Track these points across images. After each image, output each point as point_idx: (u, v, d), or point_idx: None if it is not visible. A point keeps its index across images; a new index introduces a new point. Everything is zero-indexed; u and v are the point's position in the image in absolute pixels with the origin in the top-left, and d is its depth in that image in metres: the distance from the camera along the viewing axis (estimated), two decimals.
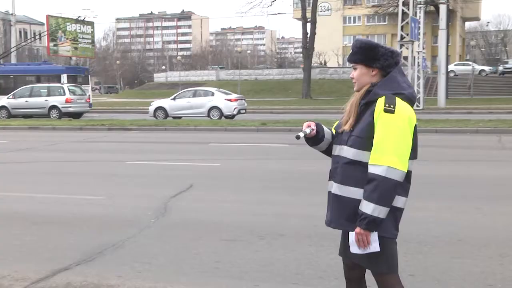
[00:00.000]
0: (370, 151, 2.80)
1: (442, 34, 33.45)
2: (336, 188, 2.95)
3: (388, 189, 2.74)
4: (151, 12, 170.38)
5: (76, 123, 24.20)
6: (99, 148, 15.66)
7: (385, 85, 2.89)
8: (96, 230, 6.31)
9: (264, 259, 5.18)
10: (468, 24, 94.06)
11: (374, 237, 2.80)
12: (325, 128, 3.12)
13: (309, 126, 3.06)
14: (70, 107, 29.13)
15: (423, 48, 34.94)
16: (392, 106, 2.80)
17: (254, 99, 45.87)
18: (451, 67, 52.64)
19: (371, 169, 2.77)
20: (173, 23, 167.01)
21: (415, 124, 2.87)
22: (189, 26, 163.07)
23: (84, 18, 46.52)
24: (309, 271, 4.82)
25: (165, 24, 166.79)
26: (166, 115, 27.05)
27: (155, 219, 6.77)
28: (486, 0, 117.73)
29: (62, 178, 10.14)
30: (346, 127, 2.93)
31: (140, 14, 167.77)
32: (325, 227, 6.42)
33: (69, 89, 29.78)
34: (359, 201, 2.83)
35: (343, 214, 2.92)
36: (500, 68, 60.07)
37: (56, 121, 26.07)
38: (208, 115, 26.33)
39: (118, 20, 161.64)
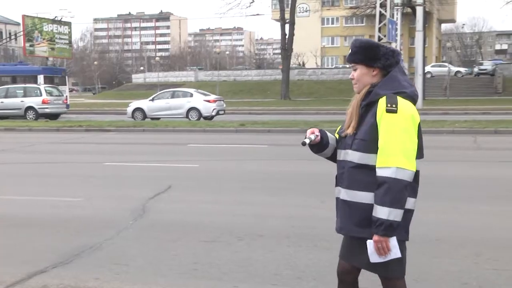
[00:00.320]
0: (376, 153, 2.74)
1: (418, 36, 33.75)
2: (344, 194, 2.87)
3: (400, 191, 2.68)
4: (129, 12, 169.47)
5: (53, 124, 23.95)
6: (77, 149, 15.52)
7: (386, 84, 2.83)
8: (74, 232, 6.25)
9: (243, 260, 5.17)
10: (444, 26, 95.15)
11: (393, 242, 2.72)
12: (328, 134, 3.04)
13: (312, 133, 2.98)
14: (47, 108, 28.82)
15: (400, 50, 35.25)
16: (394, 105, 2.74)
17: (232, 100, 45.85)
18: (427, 68, 53.22)
19: (380, 172, 2.70)
20: (152, 24, 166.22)
21: (419, 123, 2.82)
22: (168, 27, 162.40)
23: (61, 18, 46.09)
24: (288, 272, 4.82)
25: (143, 24, 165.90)
26: (145, 116, 26.90)
27: (133, 220, 6.73)
28: (462, 3, 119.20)
29: (39, 180, 10.03)
30: (349, 131, 2.86)
31: (118, 15, 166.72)
32: (304, 228, 6.48)
33: (45, 90, 29.47)
34: (368, 205, 2.76)
35: (353, 220, 2.84)
36: (475, 69, 60.87)
37: (32, 122, 25.77)
38: (187, 116, 26.25)
39: (96, 20, 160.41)
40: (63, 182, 9.68)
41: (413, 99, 2.83)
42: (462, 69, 63.45)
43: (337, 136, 3.03)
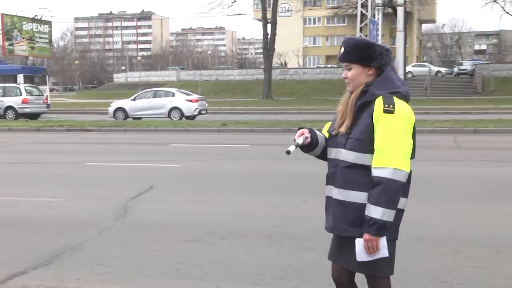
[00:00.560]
0: (371, 153, 2.73)
1: (399, 36, 34.03)
2: (337, 193, 2.84)
3: (395, 192, 2.68)
4: (111, 12, 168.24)
5: (33, 124, 23.73)
6: (58, 149, 15.38)
7: (381, 84, 2.81)
8: (54, 232, 6.20)
9: (225, 259, 5.17)
10: (424, 26, 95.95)
11: (383, 242, 2.73)
12: (317, 133, 2.99)
13: (302, 134, 2.90)
14: (27, 107, 28.55)
15: None
16: (391, 106, 2.73)
17: (215, 99, 45.77)
18: (408, 68, 53.60)
19: (376, 172, 2.69)
20: (133, 23, 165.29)
21: (414, 123, 2.81)
22: (149, 26, 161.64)
23: (41, 17, 45.64)
24: (270, 271, 4.83)
25: (124, 24, 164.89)
26: (126, 116, 26.75)
27: (114, 220, 6.69)
28: (441, 3, 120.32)
29: (19, 180, 9.92)
30: (343, 129, 2.83)
31: (99, 14, 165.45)
32: (286, 227, 6.49)
33: (25, 90, 29.19)
34: (362, 205, 2.75)
35: (346, 219, 2.81)
36: (455, 69, 61.44)
37: (12, 122, 25.49)
38: (169, 116, 26.15)
39: (77, 19, 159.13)
40: (44, 183, 9.60)
41: (406, 98, 2.83)
42: (443, 69, 64.01)
43: (326, 134, 3.00)
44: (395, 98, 2.76)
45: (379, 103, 2.74)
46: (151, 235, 6.03)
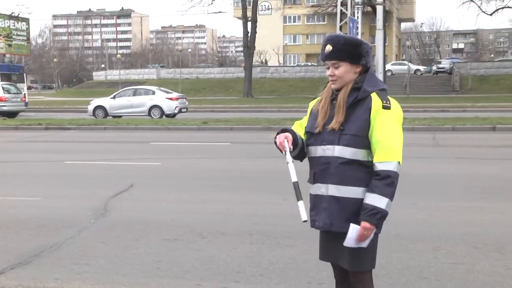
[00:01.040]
0: (365, 149, 2.78)
1: (379, 34, 34.16)
2: (334, 190, 2.83)
3: (396, 185, 2.77)
4: (89, 9, 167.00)
5: (11, 123, 23.46)
6: (36, 148, 15.23)
7: (370, 81, 2.85)
8: (33, 232, 6.13)
9: (205, 257, 5.16)
10: (403, 25, 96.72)
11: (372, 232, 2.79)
12: (297, 134, 2.96)
13: (286, 138, 2.86)
14: (4, 106, 28.23)
15: None
16: (388, 102, 2.80)
17: (195, 97, 45.65)
18: (388, 66, 53.95)
19: (382, 166, 2.72)
20: (112, 21, 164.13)
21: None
22: (129, 24, 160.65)
23: (18, 14, 45.08)
24: (251, 269, 4.83)
25: (104, 21, 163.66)
26: (106, 114, 26.57)
27: (94, 219, 6.64)
28: (420, 2, 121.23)
29: None
30: (335, 126, 2.82)
31: (77, 11, 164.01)
32: (266, 225, 6.49)
33: (3, 87, 28.85)
34: (358, 200, 2.79)
35: (343, 216, 2.82)
36: (434, 68, 62.07)
37: None
38: (149, 114, 26.02)
39: (55, 17, 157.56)
40: (22, 181, 9.49)
41: (387, 95, 2.90)
42: (421, 68, 64.59)
43: (302, 135, 2.97)
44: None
45: (376, 99, 2.79)
46: (131, 233, 6.00)
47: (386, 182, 2.72)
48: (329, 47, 2.87)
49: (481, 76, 51.69)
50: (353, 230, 2.76)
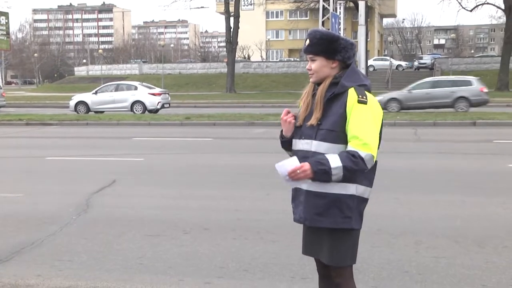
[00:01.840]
0: (343, 144, 2.78)
1: (361, 30, 34.27)
2: (311, 184, 2.82)
3: (356, 171, 2.74)
4: (70, 4, 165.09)
5: None
6: (17, 143, 15.07)
7: (350, 77, 2.86)
8: (13, 228, 6.08)
9: (188, 253, 5.15)
10: (385, 21, 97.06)
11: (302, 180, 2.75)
12: None
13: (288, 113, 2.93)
14: None
15: None
16: (364, 97, 2.80)
17: (178, 93, 45.48)
18: (370, 62, 54.14)
19: (358, 151, 2.71)
20: (94, 16, 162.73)
21: (382, 116, 2.89)
22: (111, 19, 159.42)
23: None
24: (234, 264, 4.84)
25: (85, 16, 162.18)
26: (88, 109, 26.36)
27: (76, 215, 6.60)
28: None
29: None
30: (313, 122, 2.84)
31: (58, 6, 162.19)
32: (249, 220, 6.49)
33: None
34: (334, 195, 2.79)
35: (317, 210, 2.83)
36: (416, 63, 62.41)
37: None
38: (131, 110, 25.87)
39: (35, 11, 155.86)
40: (3, 178, 9.39)
41: (370, 92, 2.90)
42: (403, 63, 64.89)
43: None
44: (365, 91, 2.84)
45: (352, 94, 2.79)
46: (114, 229, 5.97)
47: (353, 158, 2.71)
48: (307, 41, 2.91)
49: (461, 71, 51.98)
50: (293, 161, 2.72)
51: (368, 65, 45.25)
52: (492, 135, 14.99)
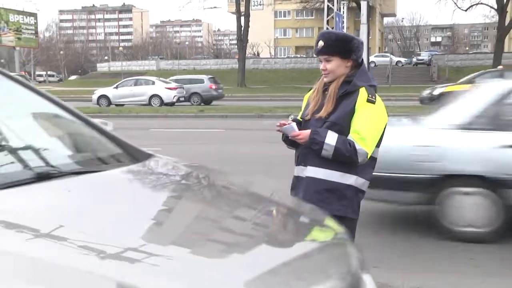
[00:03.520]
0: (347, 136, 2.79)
1: (363, 28, 34.06)
2: (312, 171, 2.85)
3: (345, 158, 2.76)
4: (93, 5, 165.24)
5: None
6: None
7: (361, 76, 2.86)
8: None
9: None
10: (385, 20, 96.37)
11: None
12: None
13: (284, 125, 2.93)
14: None
15: None
16: (374, 97, 2.81)
17: None
18: (372, 58, 53.91)
19: (355, 143, 2.75)
20: (115, 16, 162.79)
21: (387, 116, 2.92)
22: (130, 19, 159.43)
23: (23, 9, 44.53)
24: None
25: (107, 16, 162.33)
26: (109, 103, 26.43)
27: None
28: None
29: None
30: (323, 115, 2.84)
31: (82, 7, 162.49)
32: None
33: None
34: (334, 183, 2.81)
35: (317, 196, 2.82)
36: (414, 59, 62.06)
37: None
38: (149, 103, 25.90)
39: (61, 12, 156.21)
40: None
41: (376, 91, 2.91)
42: (402, 59, 64.59)
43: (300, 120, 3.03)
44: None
45: (363, 93, 2.81)
46: None
47: (347, 144, 2.75)
48: (321, 43, 2.88)
49: (457, 67, 51.73)
50: (293, 127, 2.85)
51: (370, 61, 45.04)
52: None
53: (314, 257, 1.77)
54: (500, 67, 27.98)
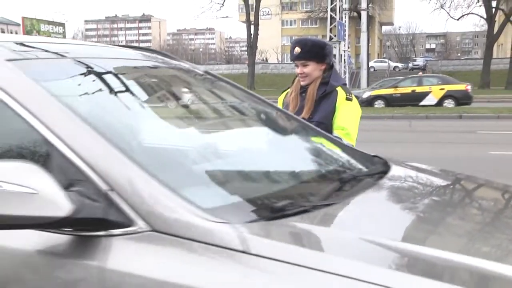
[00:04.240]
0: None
1: (363, 36, 34.08)
2: None
3: None
4: (116, 15, 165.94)
5: None
6: None
7: (335, 77, 2.92)
8: None
9: None
10: (384, 28, 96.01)
11: None
12: None
13: None
14: None
15: (348, 48, 35.62)
16: (350, 95, 2.87)
17: None
18: (371, 63, 53.70)
19: (342, 138, 2.74)
20: (135, 25, 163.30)
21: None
22: (149, 27, 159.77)
23: (52, 19, 44.76)
24: None
25: (128, 25, 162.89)
26: None
27: None
28: (398, 9, 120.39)
29: None
30: (305, 115, 2.85)
31: (106, 17, 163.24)
32: None
33: None
34: None
35: None
36: (410, 65, 61.78)
37: None
38: None
39: (87, 22, 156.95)
40: None
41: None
42: (399, 65, 64.33)
43: None
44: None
45: (341, 92, 2.86)
46: None
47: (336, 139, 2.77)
48: (297, 49, 2.91)
49: (449, 72, 51.31)
50: None
51: (370, 66, 44.94)
52: (475, 126, 14.80)
53: None
54: (420, 73, 28.64)
